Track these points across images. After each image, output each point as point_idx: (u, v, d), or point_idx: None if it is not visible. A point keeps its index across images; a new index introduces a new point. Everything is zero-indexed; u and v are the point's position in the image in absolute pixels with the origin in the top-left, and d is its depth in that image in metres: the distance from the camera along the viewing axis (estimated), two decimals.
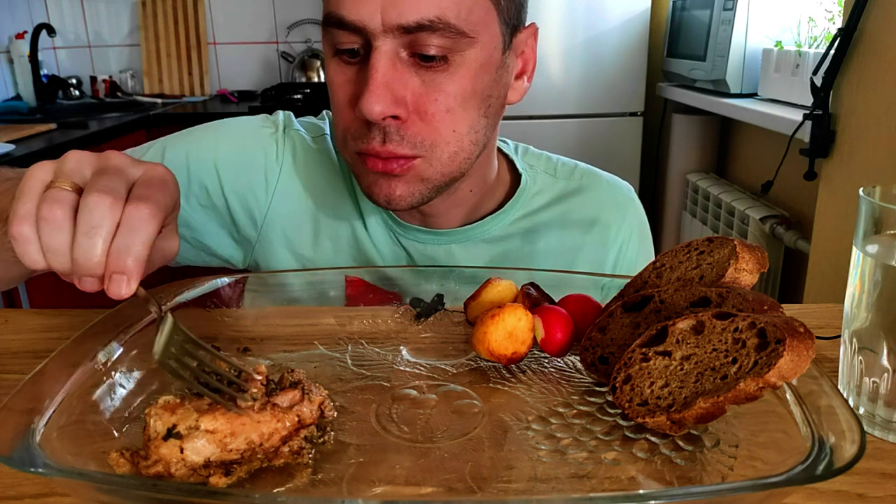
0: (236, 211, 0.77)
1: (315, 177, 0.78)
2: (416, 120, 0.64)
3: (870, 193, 0.48)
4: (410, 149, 0.64)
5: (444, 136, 0.65)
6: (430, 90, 0.63)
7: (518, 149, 0.86)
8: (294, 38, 2.78)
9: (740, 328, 0.43)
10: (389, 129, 0.63)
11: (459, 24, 0.60)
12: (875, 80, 1.36)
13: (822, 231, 1.58)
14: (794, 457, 0.37)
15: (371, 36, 0.60)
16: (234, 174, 0.76)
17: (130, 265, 0.42)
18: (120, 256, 0.42)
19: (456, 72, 0.63)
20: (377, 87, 0.60)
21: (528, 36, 0.70)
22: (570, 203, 0.82)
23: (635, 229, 0.84)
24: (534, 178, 0.83)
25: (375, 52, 0.60)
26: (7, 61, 2.53)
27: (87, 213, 0.42)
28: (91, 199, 0.42)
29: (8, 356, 0.60)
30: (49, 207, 0.42)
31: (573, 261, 0.81)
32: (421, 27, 0.59)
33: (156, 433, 0.39)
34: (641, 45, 2.44)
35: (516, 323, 0.52)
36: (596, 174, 0.86)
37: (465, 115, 0.65)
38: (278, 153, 0.78)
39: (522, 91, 0.72)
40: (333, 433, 0.44)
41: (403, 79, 0.62)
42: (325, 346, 0.58)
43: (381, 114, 0.61)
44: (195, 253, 0.79)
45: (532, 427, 0.46)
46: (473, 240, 0.79)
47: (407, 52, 0.62)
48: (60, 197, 0.43)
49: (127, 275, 0.42)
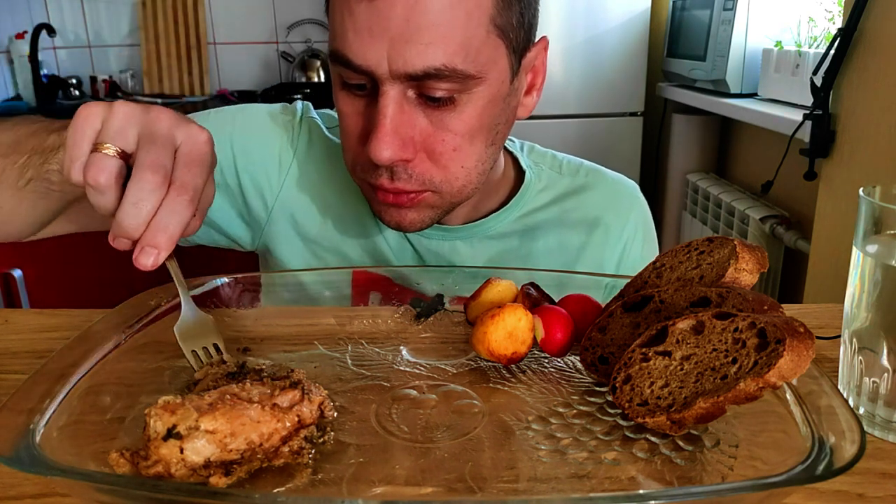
0: (248, 191, 0.78)
1: (328, 166, 0.79)
2: (425, 158, 0.64)
3: (870, 193, 0.48)
4: (419, 185, 0.65)
5: (454, 173, 0.66)
6: (437, 130, 0.63)
7: (524, 147, 0.87)
8: (294, 38, 2.78)
9: (740, 328, 0.43)
10: (397, 168, 0.64)
11: (467, 68, 0.60)
12: (875, 80, 1.36)
13: (822, 231, 1.58)
14: (794, 457, 0.37)
15: (378, 80, 0.60)
16: (249, 155, 0.77)
17: (163, 241, 0.46)
18: (157, 232, 0.46)
19: (464, 110, 0.63)
20: (386, 134, 0.60)
21: (539, 51, 0.70)
22: (575, 200, 0.83)
23: (640, 227, 0.84)
24: (538, 175, 0.83)
25: (383, 96, 0.60)
26: (7, 61, 2.53)
27: (138, 186, 0.46)
28: (144, 176, 0.46)
29: (8, 356, 0.60)
30: (94, 173, 0.46)
31: (577, 257, 0.81)
32: (428, 75, 0.59)
33: (156, 433, 0.39)
34: (641, 45, 2.44)
35: (516, 323, 0.52)
36: (601, 172, 0.86)
37: (472, 150, 0.65)
38: (293, 139, 0.79)
39: (532, 106, 0.72)
40: (333, 433, 0.44)
41: (411, 120, 0.62)
42: (325, 346, 0.58)
43: (390, 160, 0.61)
44: (204, 230, 0.80)
45: (532, 427, 0.46)
46: (478, 236, 0.79)
47: (415, 93, 0.61)
48: (105, 165, 0.46)
49: (158, 249, 0.46)
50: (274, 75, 2.82)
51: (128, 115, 0.48)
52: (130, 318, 0.53)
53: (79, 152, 0.48)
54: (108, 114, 0.48)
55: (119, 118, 0.48)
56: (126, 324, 0.52)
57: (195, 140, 0.49)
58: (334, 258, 0.79)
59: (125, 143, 0.47)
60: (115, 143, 0.47)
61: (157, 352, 0.53)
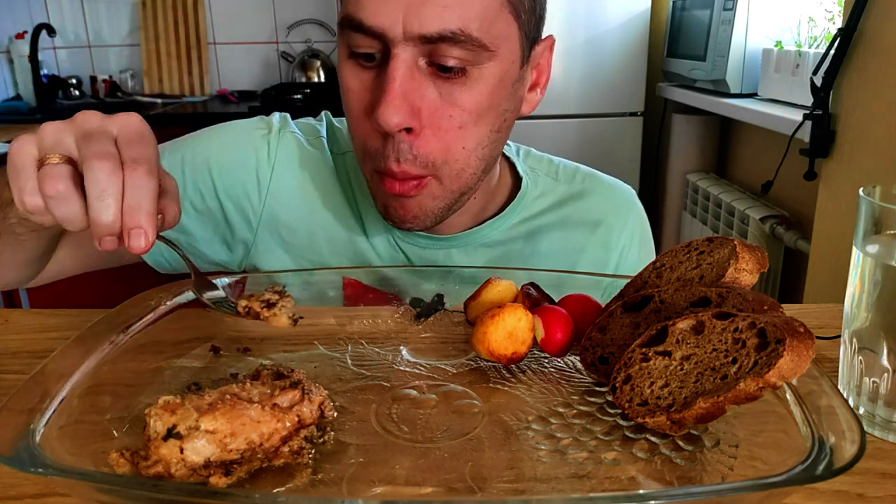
0: (230, 213, 0.76)
1: (311, 179, 0.78)
2: (429, 135, 0.63)
3: (870, 193, 0.48)
4: (422, 168, 0.64)
5: (454, 153, 0.64)
6: (445, 104, 0.62)
7: (520, 151, 0.85)
8: (294, 38, 2.78)
9: (740, 328, 0.43)
10: (403, 146, 0.62)
11: (481, 36, 0.59)
12: (875, 80, 1.36)
13: (822, 231, 1.58)
14: (794, 457, 0.37)
15: (390, 43, 0.59)
16: (227, 175, 0.76)
17: (143, 219, 0.46)
18: (133, 214, 0.45)
19: (474, 86, 0.62)
20: (395, 97, 0.59)
21: (545, 48, 0.70)
22: (572, 207, 0.82)
23: (636, 234, 0.84)
24: (535, 181, 0.82)
25: (394, 59, 0.59)
26: (7, 61, 2.53)
27: (94, 180, 0.45)
28: (94, 165, 0.45)
29: (8, 356, 0.60)
30: (51, 184, 0.45)
31: (574, 265, 0.80)
32: (442, 38, 0.58)
33: (156, 433, 0.39)
34: (641, 45, 2.44)
35: (516, 323, 0.52)
36: (597, 177, 0.85)
37: (476, 130, 0.64)
38: (270, 153, 0.77)
39: (535, 103, 0.72)
40: (333, 433, 0.44)
41: (420, 89, 0.61)
42: (325, 346, 0.58)
43: (398, 125, 0.60)
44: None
45: (532, 427, 0.46)
46: (473, 244, 0.78)
47: (426, 62, 0.61)
48: (57, 172, 0.46)
49: (144, 229, 0.46)
50: (274, 75, 2.82)
51: (57, 128, 0.48)
52: (130, 318, 0.53)
53: (25, 177, 0.47)
54: (38, 136, 0.48)
55: (49, 133, 0.47)
56: (126, 324, 0.52)
57: (129, 122, 0.49)
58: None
59: (66, 150, 0.47)
60: (57, 150, 0.47)
61: (157, 352, 0.53)
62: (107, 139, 0.47)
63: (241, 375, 0.51)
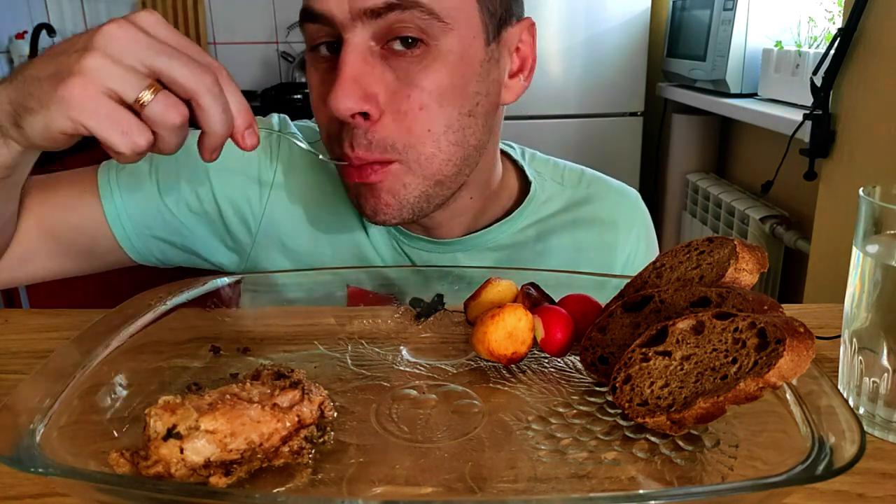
0: (229, 218, 0.75)
1: (312, 182, 0.76)
2: (388, 121, 0.61)
3: (870, 193, 0.48)
4: (381, 153, 0.62)
5: (419, 137, 0.62)
6: (403, 85, 0.61)
7: (525, 154, 0.84)
8: (294, 38, 2.78)
9: (740, 328, 0.43)
10: (357, 131, 0.61)
11: (431, 3, 0.58)
12: (875, 80, 1.36)
13: (822, 231, 1.58)
14: (794, 457, 0.37)
15: (341, 27, 0.59)
16: (226, 180, 0.75)
17: (250, 117, 0.52)
18: (243, 115, 0.51)
19: (431, 64, 0.61)
20: (345, 82, 0.58)
21: (522, 31, 0.68)
22: (578, 212, 0.81)
23: (643, 239, 0.83)
24: (542, 186, 0.81)
25: (345, 45, 0.59)
26: (7, 61, 2.53)
27: (207, 105, 0.48)
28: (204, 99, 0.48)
29: (8, 356, 0.60)
30: (171, 114, 0.47)
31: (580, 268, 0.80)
32: (390, 6, 0.57)
33: (156, 433, 0.39)
34: (641, 45, 2.44)
35: (516, 323, 0.52)
36: (603, 181, 0.85)
37: (441, 112, 0.62)
38: (272, 158, 0.76)
39: (519, 90, 0.69)
40: (333, 433, 0.44)
41: (375, 72, 0.60)
42: (325, 346, 0.58)
43: (349, 110, 0.59)
44: (186, 257, 0.79)
45: (532, 427, 0.46)
46: (479, 248, 0.77)
47: (379, 45, 0.60)
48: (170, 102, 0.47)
49: (250, 125, 0.52)
50: (274, 75, 2.82)
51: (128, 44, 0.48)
52: (130, 318, 0.53)
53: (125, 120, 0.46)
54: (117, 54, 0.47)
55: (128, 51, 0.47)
56: (126, 324, 0.52)
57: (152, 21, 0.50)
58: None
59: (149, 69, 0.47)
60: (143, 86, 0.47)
61: (157, 352, 0.53)
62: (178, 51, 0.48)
63: (241, 375, 0.51)
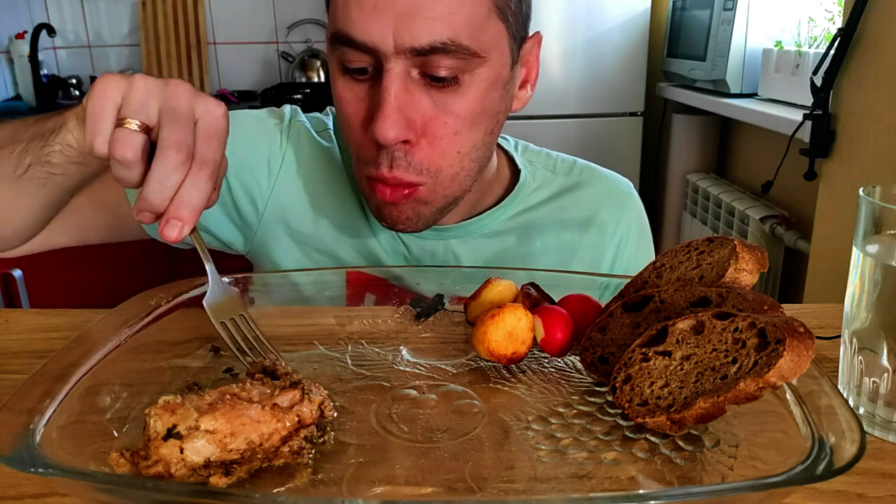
0: (238, 196, 0.78)
1: (318, 169, 0.79)
2: (424, 144, 0.64)
3: (870, 193, 0.48)
4: (416, 175, 0.65)
5: (449, 160, 0.65)
6: (439, 112, 0.63)
7: (518, 145, 0.87)
8: (294, 38, 2.78)
9: (740, 328, 0.43)
10: (398, 153, 0.63)
11: (472, 44, 0.60)
12: (875, 80, 1.36)
13: (822, 231, 1.58)
14: (794, 457, 0.37)
15: (382, 57, 0.60)
16: (238, 161, 0.77)
17: (187, 215, 0.48)
18: (181, 205, 0.48)
19: (467, 92, 0.63)
20: (391, 112, 0.60)
21: (533, 45, 0.70)
22: (569, 198, 0.83)
23: (634, 224, 0.84)
24: (533, 174, 0.83)
25: (388, 73, 0.60)
26: (7, 61, 2.53)
27: (163, 165, 0.47)
28: (168, 154, 0.48)
29: (8, 356, 0.60)
30: (122, 149, 0.48)
31: (572, 256, 0.81)
32: (433, 50, 0.59)
33: (156, 433, 0.39)
34: (641, 45, 2.44)
35: (516, 323, 0.52)
36: (594, 170, 0.86)
37: (470, 135, 0.65)
38: (282, 143, 0.79)
39: (525, 100, 0.73)
40: (333, 433, 0.44)
41: (415, 101, 0.62)
42: (325, 346, 0.58)
43: (395, 139, 0.61)
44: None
45: (532, 427, 0.46)
46: (473, 235, 0.79)
47: (418, 72, 0.61)
48: (131, 141, 0.48)
49: (182, 222, 0.48)
50: (274, 75, 2.82)
51: (148, 89, 0.49)
52: (130, 318, 0.53)
53: (102, 126, 0.49)
54: (128, 88, 0.49)
55: (140, 92, 0.49)
56: (126, 324, 0.52)
57: (213, 114, 0.50)
58: (327, 260, 0.79)
59: (147, 118, 0.49)
60: (138, 117, 0.49)
61: (157, 352, 0.53)
62: (189, 126, 0.49)
63: (240, 375, 0.51)
